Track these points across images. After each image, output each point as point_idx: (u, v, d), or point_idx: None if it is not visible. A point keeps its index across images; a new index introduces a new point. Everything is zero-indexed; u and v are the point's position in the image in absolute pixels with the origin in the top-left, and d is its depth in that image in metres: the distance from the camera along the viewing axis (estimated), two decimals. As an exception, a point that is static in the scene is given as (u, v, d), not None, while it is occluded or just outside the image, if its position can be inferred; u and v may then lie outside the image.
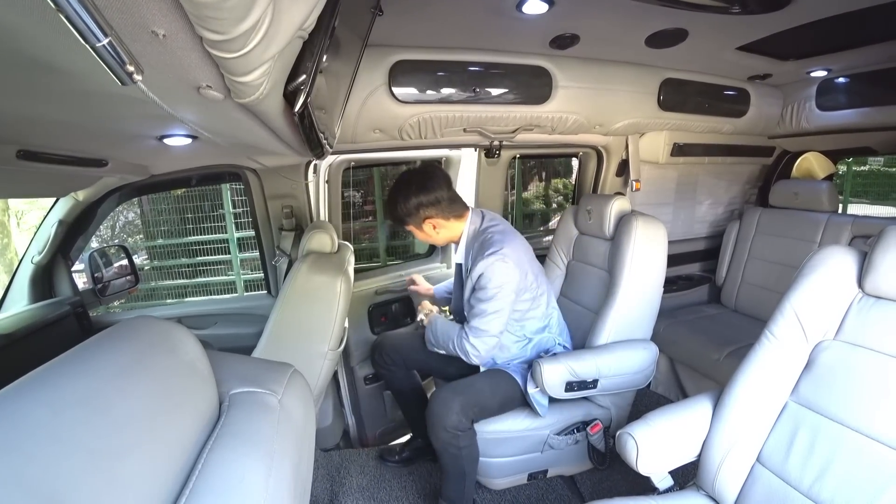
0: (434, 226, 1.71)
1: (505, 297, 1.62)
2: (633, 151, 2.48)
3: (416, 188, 1.66)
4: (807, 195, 2.60)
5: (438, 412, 1.62)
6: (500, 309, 1.62)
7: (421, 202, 1.66)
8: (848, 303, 1.15)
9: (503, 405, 1.77)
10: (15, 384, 0.42)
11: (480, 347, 1.64)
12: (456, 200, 1.74)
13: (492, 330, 1.63)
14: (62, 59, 0.53)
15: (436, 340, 1.78)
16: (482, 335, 1.63)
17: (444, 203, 1.68)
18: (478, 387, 1.72)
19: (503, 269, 1.60)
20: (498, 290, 1.60)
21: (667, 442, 1.24)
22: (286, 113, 0.90)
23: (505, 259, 1.60)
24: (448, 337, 1.72)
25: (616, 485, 1.95)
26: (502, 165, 2.47)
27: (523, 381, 1.78)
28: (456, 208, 1.72)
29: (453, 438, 1.62)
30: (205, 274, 5.58)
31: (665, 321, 2.59)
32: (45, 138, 1.06)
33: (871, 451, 1.01)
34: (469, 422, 1.65)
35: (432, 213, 1.68)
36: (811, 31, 1.58)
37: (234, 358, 0.82)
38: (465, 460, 1.67)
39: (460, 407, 1.62)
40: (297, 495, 0.69)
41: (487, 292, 1.61)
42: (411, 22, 1.49)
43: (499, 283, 1.60)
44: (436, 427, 1.62)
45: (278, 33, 0.54)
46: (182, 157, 1.75)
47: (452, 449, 1.63)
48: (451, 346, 1.70)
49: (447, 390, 1.68)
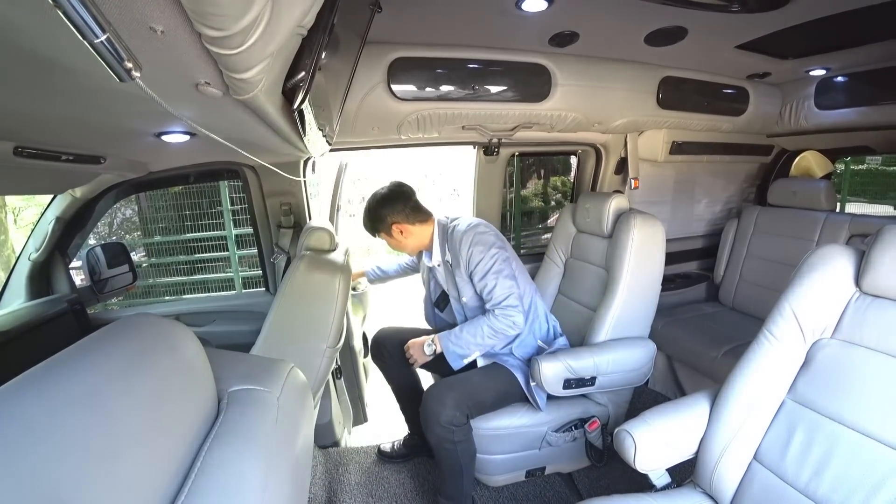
0: (401, 231, 1.88)
1: (502, 259, 1.75)
2: (631, 149, 2.48)
3: (381, 201, 1.87)
4: (805, 194, 2.60)
5: (432, 407, 1.63)
6: (504, 269, 1.74)
7: (386, 211, 1.86)
8: (845, 301, 1.15)
9: (499, 400, 1.78)
10: (14, 381, 0.42)
11: (513, 316, 1.70)
12: (419, 209, 1.91)
13: (512, 293, 1.72)
14: (60, 56, 0.53)
15: (465, 347, 1.76)
16: (506, 304, 1.70)
17: (406, 210, 1.87)
18: (473, 381, 1.73)
19: (483, 238, 1.77)
20: (493, 257, 1.74)
21: (664, 439, 1.25)
22: (285, 110, 0.90)
23: (478, 228, 1.80)
24: (476, 331, 1.73)
25: (614, 482, 1.96)
26: (501, 163, 2.47)
27: (523, 377, 1.79)
28: (419, 215, 1.90)
29: (448, 433, 1.62)
30: (203, 271, 5.57)
31: (663, 319, 2.59)
32: (42, 135, 1.05)
33: (867, 449, 1.02)
34: (464, 417, 1.65)
35: (398, 218, 1.86)
36: (810, 29, 1.58)
37: (232, 355, 0.82)
38: (461, 455, 1.67)
39: (454, 402, 1.63)
40: (295, 492, 0.70)
41: (485, 263, 1.73)
42: (410, 19, 1.49)
43: (485, 249, 1.74)
44: (430, 422, 1.63)
45: (277, 30, 0.54)
46: (180, 153, 1.74)
47: (448, 444, 1.64)
48: (484, 335, 1.72)
49: (441, 385, 1.69)
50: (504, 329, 1.70)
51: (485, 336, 1.71)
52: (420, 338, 1.85)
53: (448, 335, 1.78)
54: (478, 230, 1.78)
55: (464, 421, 1.65)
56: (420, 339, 1.84)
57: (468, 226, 1.81)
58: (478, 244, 1.75)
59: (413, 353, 1.86)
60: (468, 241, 1.76)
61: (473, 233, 1.77)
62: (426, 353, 1.82)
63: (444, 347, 1.78)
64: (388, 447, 2.20)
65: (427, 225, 1.92)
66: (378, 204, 1.87)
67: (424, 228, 1.91)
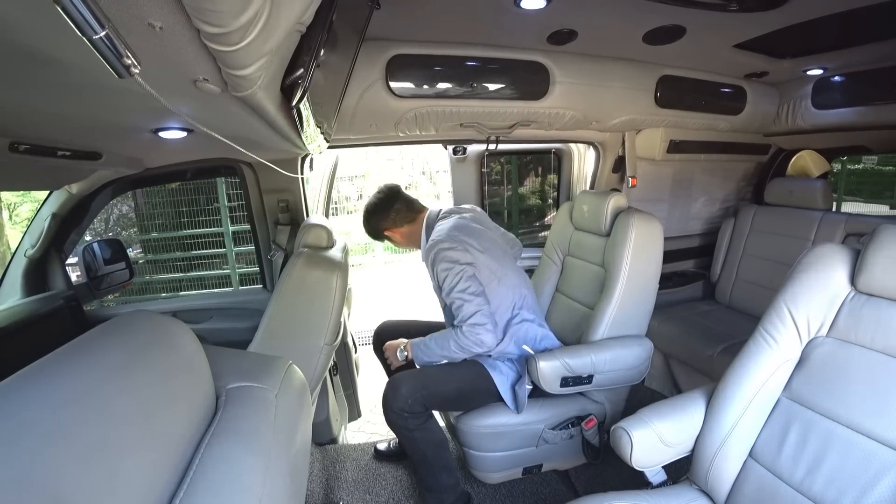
0: (396, 233, 1.96)
1: (467, 276, 1.69)
2: (629, 148, 2.48)
3: (371, 211, 1.95)
4: (801, 193, 2.61)
5: (386, 393, 1.70)
6: (470, 286, 1.68)
7: (376, 220, 1.95)
8: (841, 300, 1.16)
9: (465, 394, 1.77)
10: (13, 378, 0.42)
11: (480, 335, 1.67)
12: (408, 209, 1.94)
13: (479, 310, 1.67)
14: (58, 52, 0.53)
15: (432, 356, 1.78)
16: (473, 322, 1.67)
17: (393, 215, 1.93)
18: (430, 373, 1.77)
19: (448, 254, 1.71)
20: (458, 274, 1.68)
21: (660, 437, 1.25)
22: (283, 107, 0.90)
23: (440, 243, 1.73)
24: (444, 343, 1.74)
25: (610, 479, 1.96)
26: (471, 162, 2.55)
27: (504, 376, 1.79)
28: (409, 215, 1.94)
29: (402, 420, 1.66)
30: (199, 268, 5.55)
31: (660, 317, 2.60)
32: (38, 130, 1.05)
33: (861, 446, 1.02)
34: (419, 406, 1.67)
35: (387, 224, 1.94)
36: (807, 29, 1.58)
37: (230, 353, 0.82)
38: (420, 443, 1.70)
39: (408, 390, 1.66)
40: (293, 489, 0.70)
41: (450, 280, 1.70)
42: (408, 16, 1.48)
43: (450, 265, 1.70)
44: (385, 409, 1.70)
45: (276, 27, 0.54)
46: (177, 150, 1.74)
47: (404, 431, 1.69)
48: (451, 349, 1.72)
49: (400, 376, 1.73)
50: (470, 346, 1.68)
51: (451, 350, 1.73)
52: (395, 341, 1.91)
53: (419, 343, 1.82)
54: (443, 246, 1.72)
55: (420, 409, 1.67)
56: (395, 343, 1.91)
57: (438, 237, 1.76)
58: (441, 261, 1.71)
59: (388, 356, 1.93)
60: (433, 256, 1.73)
61: (439, 248, 1.72)
62: (398, 358, 1.88)
63: (414, 354, 1.84)
64: (384, 446, 2.20)
65: (417, 224, 1.95)
66: (369, 215, 1.97)
67: (415, 227, 1.95)
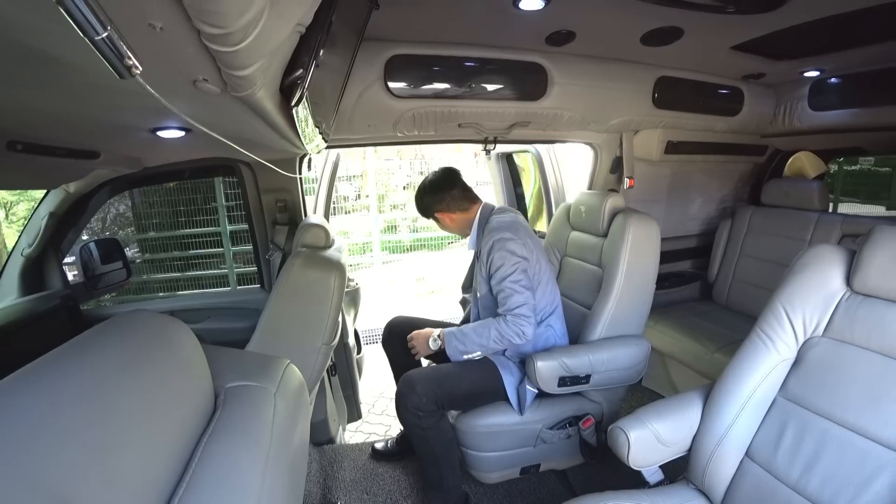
0: (447, 217, 1.96)
1: (521, 269, 1.72)
2: (627, 148, 2.48)
3: (426, 190, 1.96)
4: (798, 194, 2.62)
5: (401, 391, 1.70)
6: (522, 279, 1.71)
7: (429, 200, 1.95)
8: (836, 300, 1.16)
9: (474, 394, 1.78)
10: (13, 377, 0.42)
11: (523, 325, 1.68)
12: (464, 196, 1.94)
13: (527, 303, 1.69)
14: (58, 52, 0.53)
15: (469, 345, 1.76)
16: (519, 312, 1.68)
17: (448, 200, 1.92)
18: (444, 371, 1.76)
19: (508, 244, 1.73)
20: (514, 265, 1.71)
21: (657, 437, 1.26)
22: (282, 107, 0.90)
23: (502, 232, 1.76)
24: (483, 331, 1.73)
25: (607, 479, 1.97)
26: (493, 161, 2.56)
27: (513, 377, 1.79)
28: (463, 203, 1.93)
29: (415, 419, 1.66)
30: (197, 267, 5.54)
31: (657, 317, 2.60)
32: (36, 129, 1.05)
33: (857, 445, 1.03)
34: (433, 405, 1.67)
35: (440, 207, 1.94)
36: (805, 31, 1.59)
37: (229, 352, 0.83)
38: (432, 442, 1.70)
39: (422, 388, 1.66)
40: (291, 487, 0.70)
41: (504, 269, 1.71)
42: (407, 16, 1.48)
43: (507, 255, 1.72)
44: (398, 406, 1.70)
45: (276, 28, 0.54)
46: (175, 149, 1.74)
47: (417, 430, 1.68)
48: (491, 337, 1.71)
49: (414, 373, 1.73)
50: (511, 336, 1.69)
51: (490, 339, 1.71)
52: (426, 329, 1.88)
53: (455, 332, 1.80)
54: (505, 236, 1.75)
55: (432, 409, 1.67)
56: (426, 331, 1.87)
57: (499, 226, 1.79)
58: (500, 250, 1.73)
59: (417, 345, 1.89)
60: (492, 243, 1.75)
61: (500, 237, 1.75)
62: (430, 347, 1.84)
63: (447, 342, 1.79)
64: (382, 445, 2.20)
65: (469, 213, 1.94)
66: (423, 192, 1.97)
67: (468, 216, 1.95)
